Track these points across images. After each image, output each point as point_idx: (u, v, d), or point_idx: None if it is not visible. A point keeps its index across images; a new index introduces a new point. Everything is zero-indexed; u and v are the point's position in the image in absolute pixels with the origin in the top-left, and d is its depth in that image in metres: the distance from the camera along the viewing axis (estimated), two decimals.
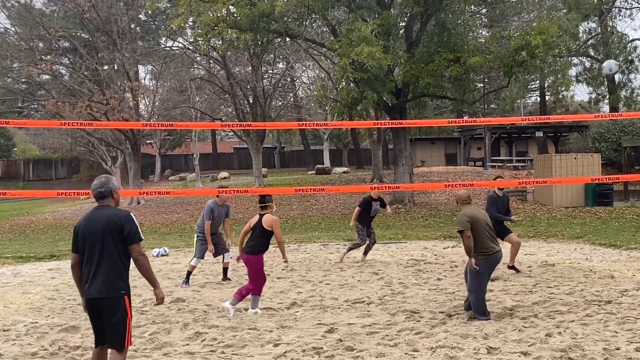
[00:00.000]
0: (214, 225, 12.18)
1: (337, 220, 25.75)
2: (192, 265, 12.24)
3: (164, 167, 55.10)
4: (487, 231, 8.64)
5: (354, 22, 24.13)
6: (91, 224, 5.79)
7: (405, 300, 10.16)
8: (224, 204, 12.43)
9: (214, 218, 12.11)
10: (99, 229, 5.69)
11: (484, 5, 28.63)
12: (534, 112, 59.46)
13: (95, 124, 19.51)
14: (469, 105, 31.37)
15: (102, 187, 5.88)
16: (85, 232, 5.76)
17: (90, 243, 5.71)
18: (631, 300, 9.46)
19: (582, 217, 23.75)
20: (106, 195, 5.88)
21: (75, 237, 5.85)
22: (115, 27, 33.17)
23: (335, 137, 56.06)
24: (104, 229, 5.69)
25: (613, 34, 41.62)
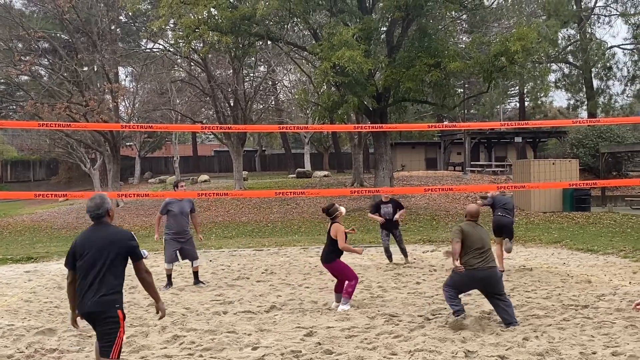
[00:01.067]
0: (178, 222, 11.98)
1: (318, 223, 25.76)
2: (167, 268, 12.16)
3: (143, 169, 54.82)
4: (477, 251, 8.51)
5: (336, 26, 24.18)
6: (91, 241, 5.87)
7: (384, 303, 10.19)
8: (185, 199, 12.19)
9: (172, 214, 11.92)
10: (100, 246, 5.80)
11: (465, 11, 28.77)
12: (513, 117, 59.91)
13: (74, 126, 19.35)
14: (449, 110, 31.53)
15: (99, 208, 5.99)
16: (85, 249, 5.83)
17: (89, 259, 5.79)
18: (608, 305, 9.54)
19: (559, 222, 23.94)
20: (103, 216, 5.99)
21: (73, 254, 5.92)
22: (95, 28, 32.99)
23: (316, 140, 56.09)
24: (105, 246, 5.81)
25: (592, 40, 42.06)
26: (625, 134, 35.38)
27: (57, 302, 10.86)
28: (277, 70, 46.09)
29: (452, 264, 8.63)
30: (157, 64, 38.75)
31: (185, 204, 12.09)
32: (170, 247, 11.98)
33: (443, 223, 25.14)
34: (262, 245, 19.34)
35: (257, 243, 20.06)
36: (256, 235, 23.46)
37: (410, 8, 24.68)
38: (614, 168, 34.61)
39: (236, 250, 18.54)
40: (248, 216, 28.97)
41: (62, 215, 31.78)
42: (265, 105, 49.74)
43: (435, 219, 26.27)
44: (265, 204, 31.03)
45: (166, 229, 12.10)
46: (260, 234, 23.56)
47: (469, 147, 41.15)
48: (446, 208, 28.82)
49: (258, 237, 22.29)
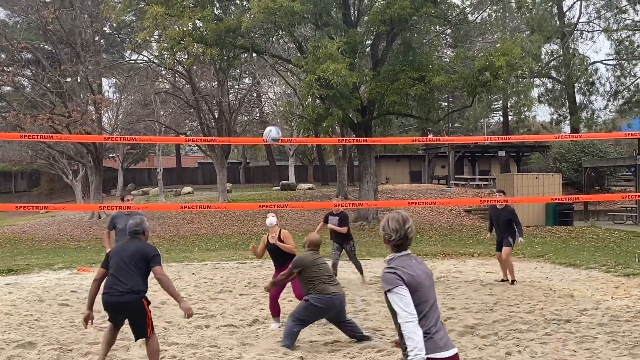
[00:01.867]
0: (124, 239, 11.20)
1: (302, 236, 25.62)
2: None
3: (126, 181, 54.44)
4: (329, 278, 8.59)
5: (321, 39, 24.24)
6: (123, 249, 7.28)
7: (367, 317, 10.15)
8: (133, 213, 11.09)
9: (118, 229, 11.24)
10: (130, 253, 7.15)
11: (449, 25, 28.95)
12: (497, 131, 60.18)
13: (57, 137, 19.26)
14: (433, 124, 31.67)
15: (138, 226, 7.33)
16: (117, 253, 7.23)
17: (119, 261, 7.12)
18: (590, 320, 9.56)
19: (542, 236, 24.02)
20: (139, 233, 7.34)
21: (108, 257, 7.35)
22: (79, 39, 32.87)
23: (300, 153, 56.10)
24: (134, 253, 7.15)
25: (575, 56, 42.41)
26: (607, 149, 35.67)
27: (37, 315, 10.74)
28: (262, 83, 46.15)
29: None
30: (141, 75, 38.64)
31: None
32: None
33: (427, 236, 25.16)
34: (246, 258, 19.25)
35: (241, 256, 19.97)
36: (239, 248, 23.35)
37: (394, 22, 24.78)
38: (597, 183, 34.83)
39: (219, 263, 18.44)
40: (232, 229, 28.85)
41: (43, 227, 31.50)
42: (250, 117, 49.71)
43: (419, 232, 26.28)
44: (249, 216, 30.92)
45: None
46: (244, 247, 23.45)
47: (453, 161, 41.26)
48: (430, 221, 28.84)
49: (241, 250, 22.18)
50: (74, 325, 9.88)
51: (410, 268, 4.15)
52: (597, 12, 43.71)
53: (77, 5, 33.10)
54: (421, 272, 4.19)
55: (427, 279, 4.21)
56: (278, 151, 60.51)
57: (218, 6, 28.72)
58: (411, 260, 4.22)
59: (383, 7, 24.66)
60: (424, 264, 4.32)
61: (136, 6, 27.19)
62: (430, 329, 4.07)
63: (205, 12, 24.21)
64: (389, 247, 4.27)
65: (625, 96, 44.25)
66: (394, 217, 4.29)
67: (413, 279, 4.10)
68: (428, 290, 4.17)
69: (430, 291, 4.20)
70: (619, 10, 42.63)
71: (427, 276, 4.23)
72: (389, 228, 4.23)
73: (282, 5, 22.72)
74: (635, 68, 44.38)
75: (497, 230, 13.46)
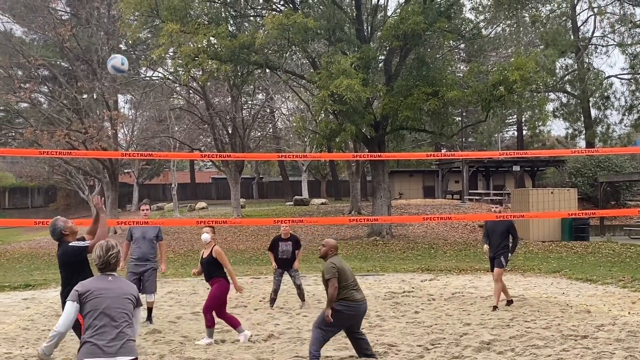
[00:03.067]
0: (140, 248, 11.22)
1: (315, 252, 25.66)
2: (149, 301, 11.21)
3: (141, 196, 54.65)
4: (353, 283, 8.23)
5: (334, 55, 24.35)
6: None
7: (382, 333, 10.13)
8: (150, 226, 11.41)
9: (135, 239, 11.24)
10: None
11: (462, 40, 29.00)
12: (511, 146, 60.04)
13: (75, 154, 19.42)
14: (447, 139, 31.65)
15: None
16: None
17: None
18: (607, 335, 9.50)
19: (558, 251, 23.90)
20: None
21: None
22: (95, 56, 33.15)
23: (313, 168, 56.16)
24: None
25: (589, 70, 42.35)
26: (623, 164, 35.47)
27: None
28: (275, 98, 46.33)
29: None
30: (156, 92, 38.90)
31: (148, 228, 11.40)
32: (130, 276, 11.09)
33: (441, 252, 25.09)
34: (260, 273, 19.27)
35: (255, 271, 19.99)
36: (254, 263, 23.38)
37: (408, 37, 24.86)
38: (613, 197, 34.62)
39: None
40: (245, 244, 28.90)
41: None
42: (263, 132, 49.89)
43: (434, 247, 26.22)
44: (262, 231, 30.96)
45: (130, 256, 11.36)
46: (258, 262, 23.48)
47: (467, 176, 41.19)
48: (444, 237, 28.77)
49: (256, 265, 22.21)
50: None
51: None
52: (612, 27, 43.68)
53: (94, 22, 33.43)
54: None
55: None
56: (291, 166, 60.63)
57: (232, 23, 28.93)
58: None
59: (396, 22, 24.77)
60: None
61: (152, 23, 27.43)
62: None
63: (219, 29, 24.39)
64: None
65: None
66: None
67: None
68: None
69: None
70: (633, 25, 42.57)
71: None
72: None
73: (295, 22, 22.87)
74: None
75: (491, 245, 12.38)
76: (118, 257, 5.26)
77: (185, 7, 25.06)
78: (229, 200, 40.96)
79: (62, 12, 38.31)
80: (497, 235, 12.29)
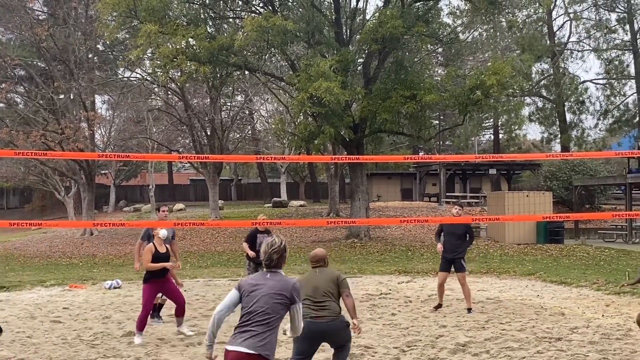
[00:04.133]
0: None
1: (293, 254, 25.71)
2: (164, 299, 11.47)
3: (118, 197, 54.44)
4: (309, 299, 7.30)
5: (313, 57, 24.39)
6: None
7: (359, 335, 10.17)
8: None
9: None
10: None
11: (440, 44, 29.20)
12: (488, 149, 60.43)
13: (51, 154, 19.29)
14: (424, 142, 31.82)
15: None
16: None
17: None
18: (581, 338, 9.62)
19: (533, 254, 24.11)
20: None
21: None
22: (72, 56, 32.94)
23: (292, 170, 56.15)
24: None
25: (565, 75, 42.75)
26: (598, 168, 35.86)
27: (29, 332, 10.73)
28: (255, 100, 46.25)
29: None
30: (134, 93, 38.71)
31: (168, 230, 11.56)
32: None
33: (419, 254, 25.21)
34: (238, 275, 19.23)
35: (233, 273, 19.96)
36: (231, 265, 23.35)
37: (386, 41, 24.97)
38: (587, 201, 35.00)
39: (211, 280, 18.45)
40: (223, 245, 28.85)
41: (35, 244, 31.41)
42: (242, 134, 49.80)
43: (411, 249, 26.34)
44: (241, 233, 30.87)
45: None
46: (236, 264, 23.45)
47: (444, 179, 41.45)
48: (422, 239, 28.91)
49: (233, 267, 22.19)
50: (66, 342, 9.88)
51: None
52: (587, 32, 44.17)
53: (71, 22, 33.20)
54: None
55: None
56: (270, 168, 60.60)
57: (211, 24, 28.86)
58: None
59: (375, 26, 24.87)
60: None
61: (130, 24, 27.29)
62: None
63: (198, 31, 24.34)
64: None
65: (615, 115, 44.63)
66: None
67: None
68: None
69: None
70: (608, 30, 43.09)
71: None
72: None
73: (275, 24, 22.89)
74: (625, 87, 44.85)
75: (449, 247, 12.18)
76: (282, 254, 5.38)
77: (164, 8, 24.96)
78: (207, 201, 40.85)
79: (39, 12, 38.02)
80: (456, 237, 12.21)
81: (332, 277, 7.35)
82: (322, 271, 7.47)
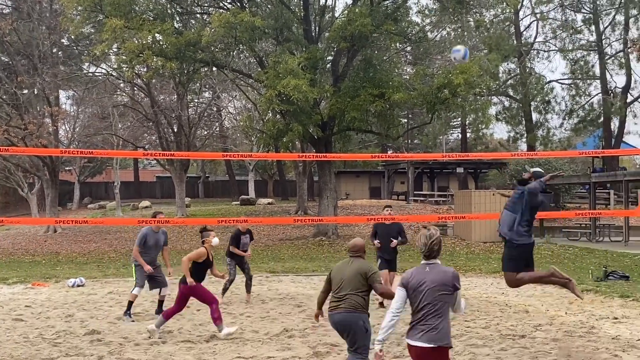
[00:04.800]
0: (150, 254, 11.69)
1: (260, 251, 25.63)
2: (134, 294, 11.64)
3: (82, 194, 53.80)
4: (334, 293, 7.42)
5: (282, 54, 24.30)
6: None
7: (326, 333, 10.13)
8: (160, 230, 11.88)
9: (147, 246, 11.62)
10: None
11: (409, 43, 29.27)
12: (456, 148, 60.88)
13: (13, 150, 18.93)
14: (393, 140, 31.91)
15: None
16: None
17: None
18: (544, 335, 9.69)
19: (499, 252, 24.22)
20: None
21: None
22: (36, 51, 32.47)
23: (260, 168, 56.00)
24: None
25: (531, 75, 43.16)
26: (563, 167, 36.21)
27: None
28: (222, 97, 46.03)
29: None
30: (100, 88, 38.29)
31: (160, 237, 11.87)
32: (143, 273, 11.60)
33: None
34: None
35: None
36: None
37: (355, 39, 24.97)
38: (552, 200, 35.35)
39: (177, 278, 18.23)
40: (190, 244, 28.64)
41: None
42: (209, 131, 49.52)
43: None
44: None
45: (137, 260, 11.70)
46: None
47: (413, 177, 41.60)
48: None
49: None
50: (28, 341, 9.70)
51: None
52: (554, 32, 44.66)
53: (35, 17, 32.73)
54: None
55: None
56: (238, 165, 60.36)
57: (178, 20, 28.62)
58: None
59: (344, 23, 24.84)
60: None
61: (95, 18, 26.93)
62: None
63: (165, 26, 24.10)
64: None
65: (580, 115, 45.16)
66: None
67: None
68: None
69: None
70: (574, 31, 43.58)
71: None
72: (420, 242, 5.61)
73: (243, 20, 22.75)
74: (590, 87, 45.38)
75: (385, 246, 12.51)
76: (440, 244, 5.70)
77: (130, 2, 24.68)
78: (173, 199, 40.54)
79: (3, 6, 37.44)
80: (389, 238, 12.51)
81: (361, 270, 7.19)
82: (356, 262, 7.32)
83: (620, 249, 22.93)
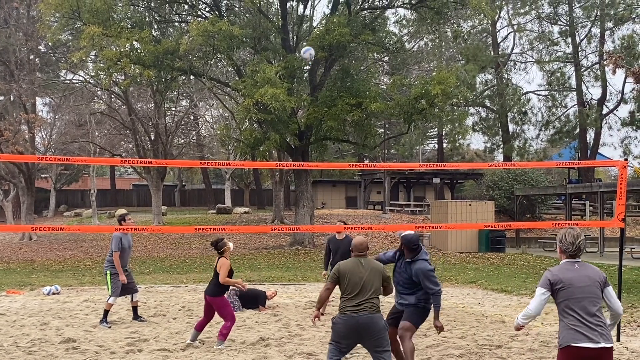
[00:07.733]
0: (125, 258, 11.75)
1: (237, 260, 25.56)
2: (110, 303, 11.63)
3: (58, 202, 53.34)
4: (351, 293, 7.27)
5: (259, 63, 24.35)
6: None
7: (302, 342, 10.15)
8: (129, 233, 11.99)
9: (122, 249, 11.66)
10: None
11: (386, 53, 29.44)
12: (432, 158, 61.18)
13: None
14: (369, 150, 32.00)
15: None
16: None
17: None
18: (520, 345, 9.76)
19: (475, 262, 24.43)
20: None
21: None
22: (13, 57, 32.23)
23: (237, 176, 55.87)
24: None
25: (508, 86, 43.54)
26: (539, 178, 36.53)
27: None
28: (200, 105, 45.91)
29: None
30: (77, 96, 38.03)
31: (130, 237, 12.04)
32: (117, 281, 11.59)
33: None
34: (180, 282, 19.04)
35: (175, 279, 19.73)
36: (174, 271, 23.07)
37: (333, 48, 25.07)
38: (528, 210, 35.62)
39: (153, 286, 18.17)
40: (166, 252, 28.52)
41: None
42: (186, 139, 49.35)
43: None
44: (184, 239, 30.60)
45: (109, 264, 11.76)
46: (179, 270, 23.19)
47: (389, 187, 41.73)
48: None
49: (176, 274, 21.92)
50: (2, 349, 9.59)
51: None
52: (530, 44, 45.13)
53: (12, 23, 32.48)
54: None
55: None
56: (214, 174, 60.18)
57: (156, 28, 28.58)
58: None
59: (322, 33, 24.96)
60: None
61: (73, 25, 26.80)
62: None
63: (143, 34, 24.05)
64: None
65: (556, 126, 45.61)
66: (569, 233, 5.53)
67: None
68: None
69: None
70: (551, 43, 44.06)
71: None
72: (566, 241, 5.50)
73: (221, 29, 22.77)
74: (566, 99, 45.91)
75: (335, 263, 11.62)
76: (584, 243, 5.67)
77: (108, 10, 24.62)
78: (150, 207, 40.33)
79: None
80: (341, 254, 12.26)
81: (378, 271, 7.22)
82: (368, 262, 7.26)
83: (595, 260, 23.14)
